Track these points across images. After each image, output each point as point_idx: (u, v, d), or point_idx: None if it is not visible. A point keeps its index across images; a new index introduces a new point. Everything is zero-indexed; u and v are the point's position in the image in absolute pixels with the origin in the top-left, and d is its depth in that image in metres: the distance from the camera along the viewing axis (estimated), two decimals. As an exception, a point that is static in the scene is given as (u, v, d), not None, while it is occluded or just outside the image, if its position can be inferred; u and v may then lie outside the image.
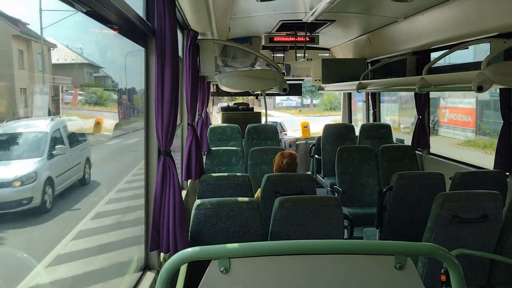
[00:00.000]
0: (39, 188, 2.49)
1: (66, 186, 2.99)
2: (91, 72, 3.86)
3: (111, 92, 4.52)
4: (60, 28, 2.59)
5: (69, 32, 3.01)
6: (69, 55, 3.21)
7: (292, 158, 4.16)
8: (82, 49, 3.40)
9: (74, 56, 3.28)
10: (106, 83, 4.40)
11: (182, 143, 4.66)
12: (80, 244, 2.95)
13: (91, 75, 3.87)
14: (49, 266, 2.37)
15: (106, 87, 4.35)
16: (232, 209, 3.02)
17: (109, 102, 4.45)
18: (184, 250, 1.40)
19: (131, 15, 2.18)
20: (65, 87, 3.09)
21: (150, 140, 2.78)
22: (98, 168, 3.68)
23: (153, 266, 2.82)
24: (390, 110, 16.42)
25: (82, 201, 3.28)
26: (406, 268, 1.40)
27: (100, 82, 4.23)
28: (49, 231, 2.56)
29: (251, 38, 7.10)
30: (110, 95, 4.51)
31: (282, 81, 4.13)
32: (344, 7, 4.98)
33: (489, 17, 3.74)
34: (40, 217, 2.51)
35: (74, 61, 3.27)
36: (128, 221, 3.93)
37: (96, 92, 4.00)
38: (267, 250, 1.42)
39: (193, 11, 3.50)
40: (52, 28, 2.54)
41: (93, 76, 3.97)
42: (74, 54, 3.28)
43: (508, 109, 4.13)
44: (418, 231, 3.35)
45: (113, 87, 4.58)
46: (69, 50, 3.18)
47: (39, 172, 2.52)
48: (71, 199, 3.09)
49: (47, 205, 2.60)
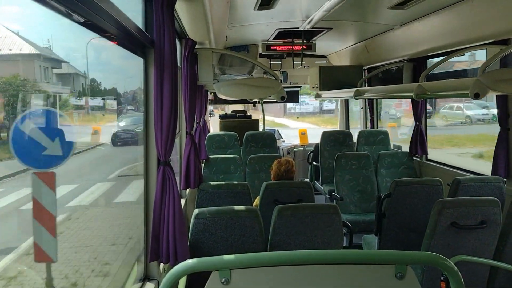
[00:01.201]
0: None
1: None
2: (47, 67, 3.00)
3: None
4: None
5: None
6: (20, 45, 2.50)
7: (289, 165, 4.17)
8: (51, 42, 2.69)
9: (28, 47, 2.56)
10: (75, 83, 3.51)
11: (181, 151, 4.66)
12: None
13: (46, 70, 2.99)
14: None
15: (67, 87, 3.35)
16: (231, 218, 3.02)
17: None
18: (185, 262, 1.40)
19: (130, 26, 2.19)
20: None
21: (150, 150, 2.78)
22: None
23: (153, 277, 2.81)
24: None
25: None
26: (406, 278, 1.41)
27: (65, 81, 3.35)
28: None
29: (248, 46, 7.12)
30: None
31: (279, 89, 4.15)
32: (341, 15, 5.01)
33: (485, 24, 3.77)
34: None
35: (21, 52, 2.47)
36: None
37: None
38: (268, 261, 1.43)
39: (191, 20, 3.52)
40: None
41: (51, 71, 3.09)
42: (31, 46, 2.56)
43: (505, 116, 4.16)
44: (417, 237, 3.36)
45: (91, 89, 3.72)
46: (20, 39, 2.47)
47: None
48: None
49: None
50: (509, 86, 2.98)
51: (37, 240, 2.13)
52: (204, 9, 3.16)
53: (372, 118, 7.75)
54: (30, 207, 2.13)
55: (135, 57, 2.62)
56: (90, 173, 4.78)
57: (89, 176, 4.71)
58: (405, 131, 9.65)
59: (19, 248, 2.42)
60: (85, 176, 4.57)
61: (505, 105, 4.16)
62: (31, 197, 2.12)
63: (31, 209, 2.13)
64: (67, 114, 3.24)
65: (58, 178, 2.10)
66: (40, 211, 2.12)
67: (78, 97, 3.79)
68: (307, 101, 26.37)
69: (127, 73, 5.13)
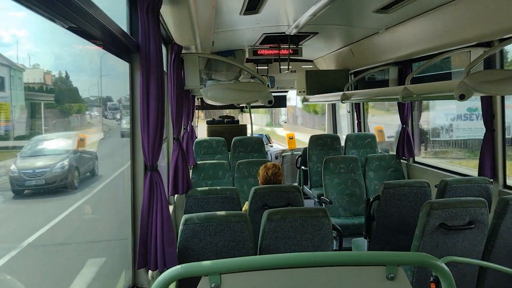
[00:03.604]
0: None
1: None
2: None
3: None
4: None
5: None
6: None
7: (276, 168, 4.18)
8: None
9: None
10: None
11: (168, 157, 4.62)
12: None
13: None
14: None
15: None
16: (221, 223, 2.99)
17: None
18: (174, 268, 1.38)
19: (115, 30, 2.17)
20: None
21: (136, 156, 2.74)
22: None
23: (141, 285, 2.77)
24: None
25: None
26: (397, 278, 1.40)
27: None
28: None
29: (235, 51, 7.13)
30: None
31: (267, 93, 4.15)
32: (326, 19, 5.04)
33: (469, 27, 3.82)
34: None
35: None
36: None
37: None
38: (258, 264, 1.41)
39: (176, 25, 3.50)
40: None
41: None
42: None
43: (490, 117, 4.21)
44: (407, 239, 3.37)
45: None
46: None
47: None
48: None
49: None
50: (493, 87, 3.02)
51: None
52: (190, 13, 3.14)
53: (359, 122, 7.80)
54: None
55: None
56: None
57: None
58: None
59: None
60: None
61: (489, 106, 4.21)
62: None
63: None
64: None
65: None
66: None
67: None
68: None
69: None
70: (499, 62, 4.03)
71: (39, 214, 2.73)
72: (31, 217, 2.64)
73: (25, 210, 2.60)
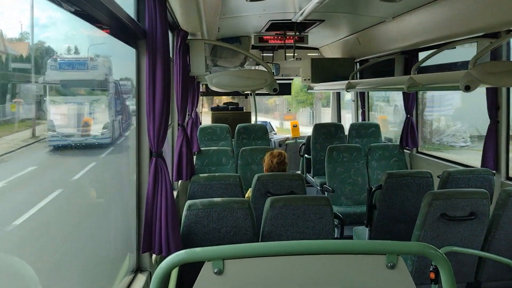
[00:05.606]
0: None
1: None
2: None
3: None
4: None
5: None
6: None
7: (281, 157, 4.19)
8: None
9: None
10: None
11: (173, 143, 4.65)
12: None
13: None
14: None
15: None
16: (224, 210, 3.02)
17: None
18: (179, 252, 1.41)
19: (122, 16, 2.17)
20: None
21: (142, 142, 2.77)
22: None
23: (145, 268, 2.81)
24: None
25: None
26: (397, 267, 1.43)
27: None
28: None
29: (241, 38, 7.10)
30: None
31: (272, 81, 4.15)
32: (333, 7, 5.01)
33: (476, 17, 3.79)
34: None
35: None
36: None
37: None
38: (261, 251, 1.44)
39: (183, 11, 3.49)
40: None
41: None
42: None
43: (495, 108, 4.20)
44: (408, 229, 3.39)
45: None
46: None
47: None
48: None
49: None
50: (499, 79, 3.01)
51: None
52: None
53: (363, 111, 7.79)
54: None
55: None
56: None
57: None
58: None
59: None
60: None
61: (495, 98, 4.20)
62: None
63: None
64: None
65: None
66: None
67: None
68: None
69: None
70: (506, 53, 4.01)
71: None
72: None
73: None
